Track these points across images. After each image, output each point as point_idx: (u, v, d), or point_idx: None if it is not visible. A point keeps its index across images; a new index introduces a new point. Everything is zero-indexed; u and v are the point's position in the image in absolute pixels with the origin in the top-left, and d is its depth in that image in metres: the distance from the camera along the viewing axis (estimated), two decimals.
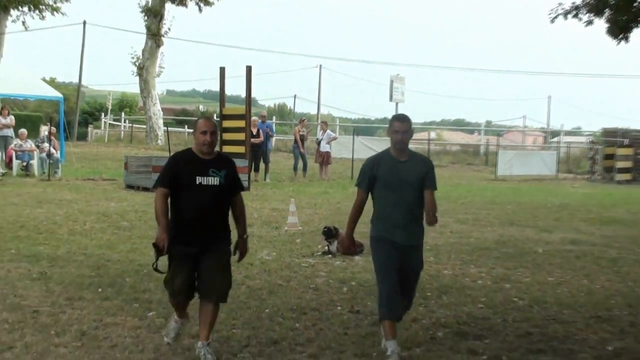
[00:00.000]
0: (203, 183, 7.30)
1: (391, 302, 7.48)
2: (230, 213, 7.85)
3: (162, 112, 49.71)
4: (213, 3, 49.26)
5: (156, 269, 7.46)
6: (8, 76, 32.87)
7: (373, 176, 7.73)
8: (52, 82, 42.58)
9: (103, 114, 60.22)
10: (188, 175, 7.29)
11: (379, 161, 7.83)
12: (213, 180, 7.32)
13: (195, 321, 7.96)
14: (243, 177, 25.23)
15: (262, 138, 29.17)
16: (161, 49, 48.23)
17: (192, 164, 7.36)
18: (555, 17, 19.23)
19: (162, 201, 7.32)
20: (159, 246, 7.21)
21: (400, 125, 7.61)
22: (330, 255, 13.62)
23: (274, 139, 36.69)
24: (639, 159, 41.81)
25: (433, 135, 62.13)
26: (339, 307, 10.08)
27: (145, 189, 23.06)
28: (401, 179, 7.64)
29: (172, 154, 7.85)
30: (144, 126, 50.77)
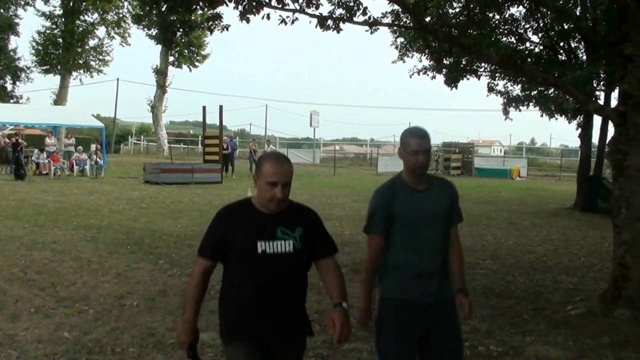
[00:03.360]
0: (268, 251, 3.31)
1: None
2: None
3: (166, 135, 49.70)
4: (198, 66, 49.42)
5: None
6: (71, 114, 33.34)
7: (389, 213, 3.77)
8: (98, 117, 42.23)
9: (130, 137, 59.82)
10: (245, 240, 3.33)
11: (393, 193, 3.83)
12: (283, 246, 3.34)
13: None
14: (216, 176, 25.31)
15: (229, 150, 29.41)
16: (165, 95, 48.21)
17: (252, 223, 3.35)
18: (413, 74, 19.72)
19: (197, 280, 3.40)
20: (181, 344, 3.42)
21: (421, 143, 3.74)
22: None
23: (237, 151, 36.46)
24: (465, 161, 42.65)
25: (338, 147, 62.33)
26: None
27: (156, 183, 22.95)
28: (423, 214, 3.79)
29: (222, 208, 3.55)
30: (155, 144, 50.42)
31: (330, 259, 3.55)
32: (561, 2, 11.09)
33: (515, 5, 16.80)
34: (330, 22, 9.50)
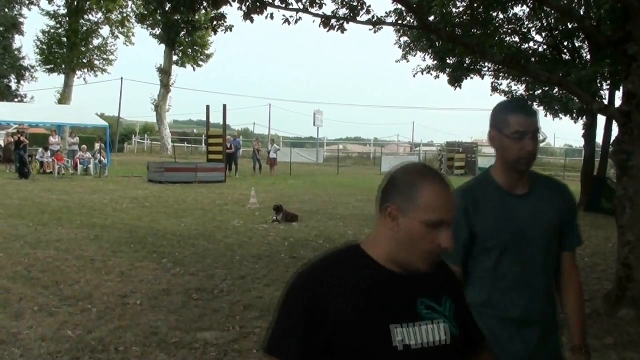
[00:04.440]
0: (413, 344, 1.51)
1: None
2: None
3: (170, 134, 49.78)
4: (202, 65, 49.52)
5: None
6: (75, 113, 33.32)
7: (469, 231, 2.34)
8: (102, 116, 42.18)
9: (134, 136, 59.95)
10: (368, 324, 1.49)
11: (477, 199, 2.38)
12: (434, 332, 1.56)
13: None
14: (220, 175, 25.28)
15: (233, 150, 29.46)
16: (169, 94, 48.33)
17: (376, 294, 1.55)
18: (416, 73, 19.72)
19: None
20: None
21: (528, 122, 2.27)
22: (277, 223, 13.47)
23: (241, 150, 36.50)
24: (468, 161, 42.59)
25: (341, 147, 62.42)
26: (283, 255, 10.09)
27: (160, 183, 22.88)
28: (519, 231, 2.36)
29: (308, 267, 1.63)
30: (159, 143, 50.50)
31: (486, 354, 1.94)
32: (565, 1, 11.07)
33: (519, 5, 16.76)
34: (334, 21, 9.51)
